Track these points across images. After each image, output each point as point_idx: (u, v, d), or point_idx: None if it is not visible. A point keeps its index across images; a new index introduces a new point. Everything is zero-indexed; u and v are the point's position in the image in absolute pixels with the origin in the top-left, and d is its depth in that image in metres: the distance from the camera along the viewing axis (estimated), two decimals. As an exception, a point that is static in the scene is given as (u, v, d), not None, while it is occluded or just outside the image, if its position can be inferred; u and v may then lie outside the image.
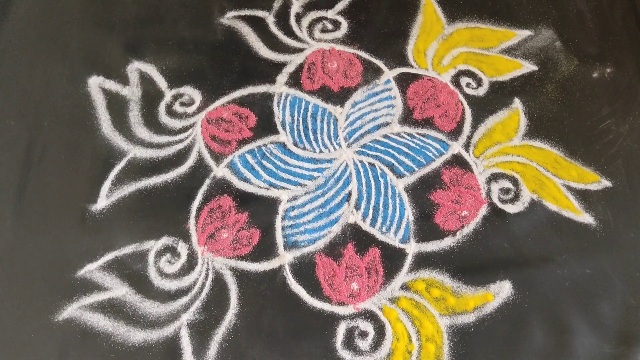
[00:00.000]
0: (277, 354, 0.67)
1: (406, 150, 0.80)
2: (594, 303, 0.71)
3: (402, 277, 0.72)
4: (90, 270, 0.70)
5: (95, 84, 0.82)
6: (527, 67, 0.87)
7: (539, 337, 0.69)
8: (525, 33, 0.90)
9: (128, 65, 0.84)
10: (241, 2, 0.89)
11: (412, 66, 0.86)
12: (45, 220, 0.73)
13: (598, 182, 0.79)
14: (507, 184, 0.78)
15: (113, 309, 0.68)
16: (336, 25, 0.89)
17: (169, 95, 0.82)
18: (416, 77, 0.85)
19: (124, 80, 0.82)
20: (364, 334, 0.69)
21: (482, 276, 0.72)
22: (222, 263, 0.71)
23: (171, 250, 0.72)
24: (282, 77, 0.84)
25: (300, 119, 0.82)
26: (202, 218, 0.74)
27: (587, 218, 0.76)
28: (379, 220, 0.75)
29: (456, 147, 0.81)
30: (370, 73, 0.85)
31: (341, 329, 0.69)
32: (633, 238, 0.75)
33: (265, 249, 0.73)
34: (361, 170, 0.79)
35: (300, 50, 0.87)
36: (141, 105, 0.81)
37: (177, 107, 0.81)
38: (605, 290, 0.72)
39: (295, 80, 0.84)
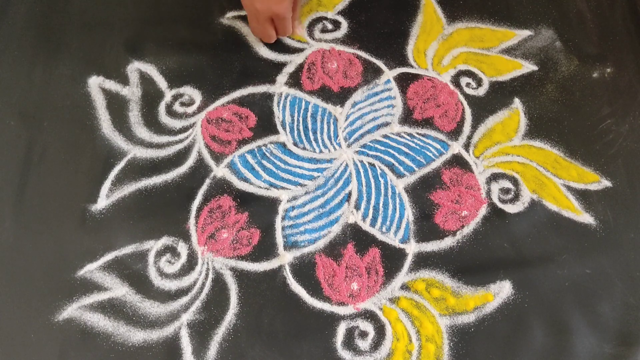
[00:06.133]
0: (277, 354, 0.67)
1: (406, 150, 0.80)
2: (594, 303, 0.71)
3: (402, 277, 0.72)
4: (90, 270, 0.70)
5: (95, 84, 0.82)
6: (527, 67, 0.87)
7: (539, 337, 0.69)
8: (525, 33, 0.90)
9: (128, 65, 0.84)
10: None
11: (412, 66, 0.86)
12: (45, 220, 0.73)
13: (598, 182, 0.79)
14: (507, 184, 0.78)
15: (113, 309, 0.68)
16: (336, 25, 0.89)
17: (169, 95, 0.82)
18: (416, 77, 0.85)
19: (124, 80, 0.82)
20: (364, 334, 0.69)
21: (482, 276, 0.72)
22: (222, 263, 0.71)
23: (171, 250, 0.72)
24: (282, 77, 0.84)
25: (300, 119, 0.82)
26: (202, 218, 0.74)
27: (587, 218, 0.76)
28: (379, 220, 0.75)
29: (456, 147, 0.81)
30: (370, 73, 0.85)
31: (341, 329, 0.69)
32: (633, 238, 0.75)
33: (265, 249, 0.73)
34: (361, 170, 0.79)
35: (300, 50, 0.87)
36: (141, 105, 0.81)
37: (177, 107, 0.81)
38: (605, 290, 0.72)
39: (295, 80, 0.84)
